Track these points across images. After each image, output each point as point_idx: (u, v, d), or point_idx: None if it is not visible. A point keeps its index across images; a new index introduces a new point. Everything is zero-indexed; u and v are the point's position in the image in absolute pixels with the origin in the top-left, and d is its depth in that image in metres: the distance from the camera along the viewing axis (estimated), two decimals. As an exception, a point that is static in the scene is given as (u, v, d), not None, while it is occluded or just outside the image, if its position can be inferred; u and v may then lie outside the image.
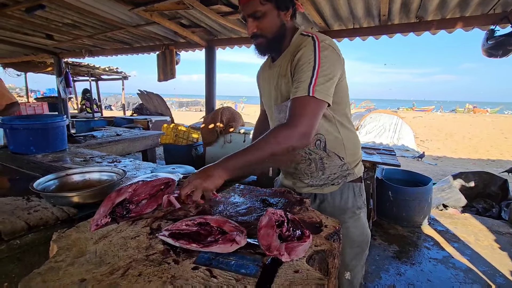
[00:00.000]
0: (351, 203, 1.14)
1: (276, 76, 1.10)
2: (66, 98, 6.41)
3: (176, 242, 0.69)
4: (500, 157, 7.76)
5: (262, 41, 1.04)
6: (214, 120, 4.27)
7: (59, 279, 0.58)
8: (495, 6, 2.50)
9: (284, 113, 1.08)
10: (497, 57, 2.58)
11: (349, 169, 1.13)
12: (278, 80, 1.09)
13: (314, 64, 0.93)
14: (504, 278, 2.13)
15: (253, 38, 1.05)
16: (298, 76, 0.95)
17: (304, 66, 0.94)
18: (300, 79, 0.94)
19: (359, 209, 1.16)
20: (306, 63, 0.94)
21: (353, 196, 1.14)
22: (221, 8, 2.88)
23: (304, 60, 0.95)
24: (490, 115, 23.21)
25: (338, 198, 1.14)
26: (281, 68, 1.08)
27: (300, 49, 0.97)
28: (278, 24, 1.02)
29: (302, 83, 0.93)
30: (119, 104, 20.87)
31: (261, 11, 0.98)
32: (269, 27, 1.01)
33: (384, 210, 3.04)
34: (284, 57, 1.08)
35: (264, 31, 1.02)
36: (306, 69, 0.94)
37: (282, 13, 1.02)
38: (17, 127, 1.81)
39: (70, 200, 1.02)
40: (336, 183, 1.13)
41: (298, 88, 0.94)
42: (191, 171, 1.52)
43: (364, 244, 1.17)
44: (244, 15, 1.02)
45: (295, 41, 1.06)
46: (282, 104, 1.09)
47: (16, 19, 3.52)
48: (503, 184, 3.49)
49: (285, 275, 0.60)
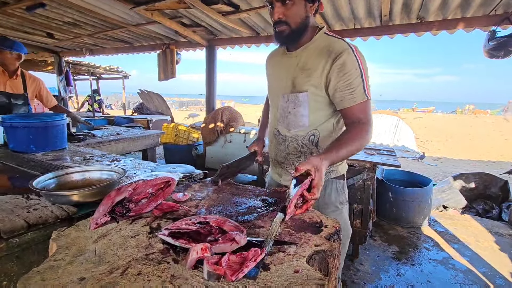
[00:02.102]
0: (334, 197, 1.22)
1: (294, 66, 1.13)
2: (67, 97, 6.41)
3: (176, 241, 0.69)
4: (501, 159, 7.75)
5: (285, 29, 1.05)
6: (215, 120, 4.27)
7: (58, 278, 0.58)
8: (497, 7, 2.50)
9: (292, 104, 1.13)
10: (498, 58, 2.58)
11: (333, 167, 1.20)
12: (296, 71, 1.12)
13: (360, 70, 1.02)
14: (504, 280, 2.13)
15: (276, 24, 1.06)
16: (348, 83, 1.02)
17: (351, 72, 1.02)
18: (352, 85, 1.02)
19: (341, 204, 1.24)
20: (353, 69, 1.02)
21: (336, 192, 1.22)
22: (222, 8, 2.88)
23: (349, 67, 1.02)
24: (490, 116, 23.18)
25: (322, 193, 1.18)
26: (301, 60, 1.11)
27: (340, 55, 1.02)
28: (303, 15, 1.05)
29: (356, 89, 1.02)
30: (120, 103, 20.86)
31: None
32: (295, 16, 1.03)
33: (384, 210, 3.04)
34: (307, 52, 1.10)
35: (290, 18, 1.03)
36: (354, 75, 1.02)
37: (309, 5, 1.05)
38: (17, 125, 1.80)
39: (69, 198, 1.01)
40: None
41: (355, 94, 1.03)
42: (191, 170, 1.51)
43: (345, 238, 1.26)
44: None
45: (321, 39, 1.09)
46: (292, 94, 1.13)
47: (17, 17, 3.52)
48: (503, 185, 3.48)
49: (285, 275, 0.60)
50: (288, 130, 1.19)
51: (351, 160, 2.26)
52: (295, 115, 1.14)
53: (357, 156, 2.36)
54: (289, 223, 0.85)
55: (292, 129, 1.18)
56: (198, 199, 1.05)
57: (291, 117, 1.16)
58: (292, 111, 1.15)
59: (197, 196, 1.07)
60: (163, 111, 8.32)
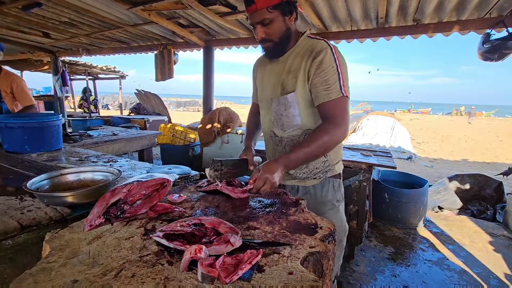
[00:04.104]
0: (331, 195, 1.26)
1: (281, 71, 1.18)
2: (63, 97, 6.37)
3: (170, 243, 0.69)
4: (495, 160, 7.82)
5: (270, 45, 1.14)
6: (212, 121, 4.26)
7: (51, 280, 0.57)
8: (491, 10, 2.53)
9: (283, 106, 1.18)
10: (492, 60, 2.60)
11: (330, 166, 1.24)
12: (283, 74, 1.17)
13: (336, 68, 1.05)
14: (498, 280, 2.15)
15: (261, 42, 1.15)
16: (325, 79, 1.06)
17: (328, 69, 1.05)
18: (328, 81, 1.05)
19: (338, 201, 1.29)
20: (330, 67, 1.05)
21: (333, 190, 1.27)
22: (219, 9, 2.88)
23: (327, 64, 1.05)
24: (485, 118, 23.42)
25: (319, 191, 1.26)
26: (287, 64, 1.16)
27: (319, 53, 1.07)
28: (284, 28, 1.11)
29: (332, 85, 1.05)
30: (117, 103, 20.76)
31: (268, 18, 1.06)
32: (276, 32, 1.10)
33: (380, 211, 3.05)
34: (293, 55, 1.16)
35: (272, 36, 1.11)
36: (331, 72, 1.05)
37: (287, 18, 1.10)
38: (11, 125, 1.79)
39: (64, 200, 1.01)
40: (318, 177, 1.24)
41: (330, 90, 1.05)
42: (187, 171, 1.51)
43: (342, 235, 1.30)
44: (252, 22, 1.10)
45: (304, 43, 1.16)
46: (282, 97, 1.17)
47: (13, 16, 3.49)
48: (498, 186, 3.52)
49: (279, 277, 0.60)
50: (283, 131, 1.23)
51: (347, 162, 2.27)
52: (287, 116, 1.19)
53: (353, 158, 2.37)
54: (284, 225, 0.85)
55: (287, 130, 1.22)
56: (193, 201, 1.05)
57: (284, 118, 1.20)
58: (284, 113, 1.19)
59: (192, 198, 1.07)
60: (160, 112, 8.29)
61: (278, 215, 0.92)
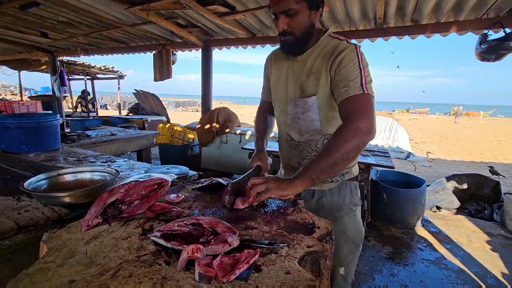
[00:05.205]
0: (348, 199, 1.18)
1: (300, 71, 1.11)
2: (61, 96, 6.35)
3: (168, 243, 0.69)
4: (493, 160, 7.85)
5: (290, 39, 1.05)
6: (210, 121, 4.26)
7: (48, 280, 0.57)
8: (489, 11, 2.54)
9: (301, 109, 1.11)
10: (490, 61, 2.62)
11: (348, 168, 1.17)
12: (302, 76, 1.10)
13: (358, 64, 0.98)
14: (496, 279, 2.16)
15: (282, 35, 1.06)
16: (346, 76, 0.98)
17: (349, 67, 0.98)
18: (349, 78, 0.97)
19: (355, 205, 1.20)
20: (351, 64, 0.98)
21: (350, 193, 1.19)
22: (218, 9, 2.88)
23: (348, 62, 0.98)
24: (483, 118, 23.52)
25: (336, 195, 1.19)
26: (307, 64, 1.09)
27: (341, 52, 1.00)
28: (308, 23, 1.04)
29: (352, 82, 0.96)
30: (115, 103, 20.71)
31: (294, 9, 0.99)
32: (299, 26, 1.03)
33: (378, 211, 3.06)
34: (313, 56, 1.09)
35: (294, 29, 1.03)
36: (352, 69, 0.98)
37: (313, 12, 1.04)
38: (9, 125, 1.78)
39: (61, 200, 1.01)
40: (335, 180, 1.18)
41: (349, 87, 0.96)
42: (186, 171, 1.51)
43: (359, 240, 1.21)
44: (275, 11, 1.02)
45: (326, 42, 1.08)
46: (301, 100, 1.11)
47: (10, 16, 3.48)
48: (495, 186, 3.53)
49: (276, 276, 0.60)
50: (300, 135, 1.17)
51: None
52: (305, 120, 1.12)
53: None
54: (281, 224, 0.85)
55: (305, 134, 1.15)
56: (191, 201, 1.05)
57: (302, 122, 1.14)
58: (301, 116, 1.13)
59: (190, 197, 1.07)
60: (159, 112, 8.28)
61: (276, 215, 0.92)
